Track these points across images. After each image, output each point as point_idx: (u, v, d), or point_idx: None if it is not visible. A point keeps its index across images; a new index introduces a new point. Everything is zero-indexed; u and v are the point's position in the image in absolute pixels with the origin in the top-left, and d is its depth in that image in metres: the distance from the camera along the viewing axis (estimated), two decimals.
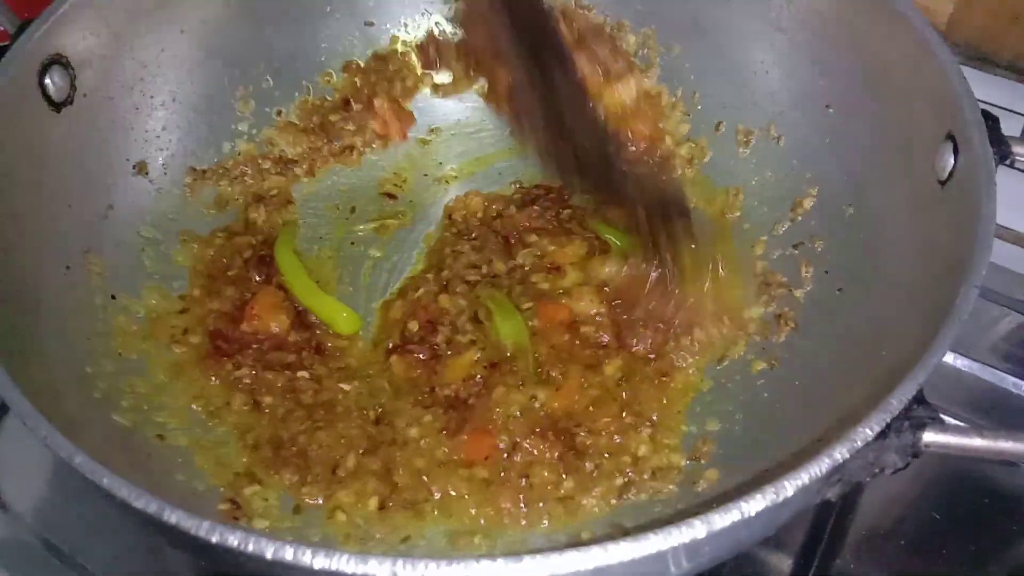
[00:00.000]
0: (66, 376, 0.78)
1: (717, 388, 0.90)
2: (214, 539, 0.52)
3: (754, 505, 0.53)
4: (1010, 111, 1.17)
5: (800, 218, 0.97)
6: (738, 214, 1.02)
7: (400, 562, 0.50)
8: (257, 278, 0.96)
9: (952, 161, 0.76)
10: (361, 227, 1.05)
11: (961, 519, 0.91)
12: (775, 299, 0.93)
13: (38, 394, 0.63)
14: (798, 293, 0.92)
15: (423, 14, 1.13)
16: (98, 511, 0.88)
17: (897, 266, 0.82)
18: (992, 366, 1.00)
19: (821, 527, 0.89)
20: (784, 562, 0.87)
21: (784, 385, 0.86)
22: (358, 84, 1.10)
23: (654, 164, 0.98)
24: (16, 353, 0.69)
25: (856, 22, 0.92)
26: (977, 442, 0.58)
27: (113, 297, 0.89)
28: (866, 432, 0.56)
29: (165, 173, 0.99)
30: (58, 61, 0.86)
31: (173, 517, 0.53)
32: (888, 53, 0.88)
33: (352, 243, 1.04)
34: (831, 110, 0.96)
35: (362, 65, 1.11)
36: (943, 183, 0.77)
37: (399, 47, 1.13)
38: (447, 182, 1.10)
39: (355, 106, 1.09)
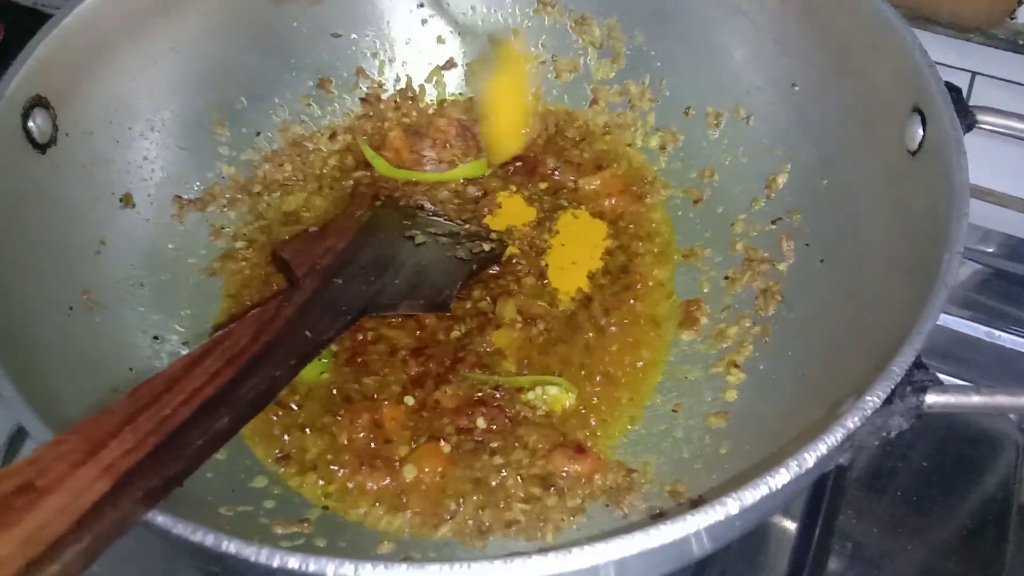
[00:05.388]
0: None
1: None
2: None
3: (780, 479, 0.57)
4: (951, 67, 1.28)
5: (775, 194, 1.00)
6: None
7: None
8: None
9: (921, 132, 0.80)
10: None
11: (948, 465, 0.97)
12: (760, 274, 0.97)
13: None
14: (781, 266, 0.96)
15: (387, 24, 1.15)
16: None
17: (875, 234, 0.86)
18: (952, 315, 1.07)
19: (821, 488, 0.94)
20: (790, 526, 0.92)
21: (778, 356, 0.90)
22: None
23: None
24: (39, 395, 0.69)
25: (814, 1, 0.95)
26: (975, 400, 0.62)
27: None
28: (874, 400, 0.60)
29: (152, 204, 0.99)
30: (39, 103, 0.85)
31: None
32: (848, 30, 0.91)
33: None
34: (797, 88, 0.99)
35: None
36: (913, 153, 0.81)
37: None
38: None
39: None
